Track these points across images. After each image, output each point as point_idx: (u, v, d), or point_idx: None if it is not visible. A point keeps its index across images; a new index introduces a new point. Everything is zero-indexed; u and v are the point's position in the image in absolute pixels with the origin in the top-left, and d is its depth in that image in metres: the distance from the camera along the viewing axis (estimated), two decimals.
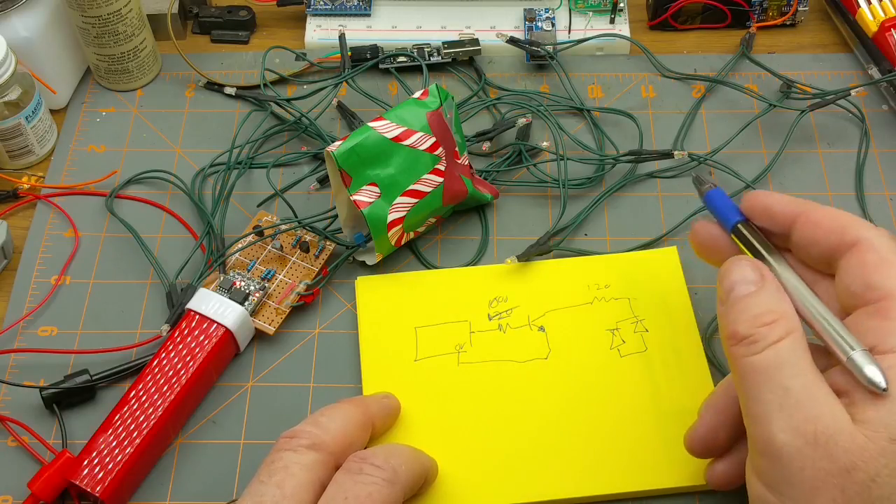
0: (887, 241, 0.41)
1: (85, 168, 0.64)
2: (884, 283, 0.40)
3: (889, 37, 0.66)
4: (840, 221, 0.43)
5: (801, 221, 0.44)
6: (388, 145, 0.54)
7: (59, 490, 0.49)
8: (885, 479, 0.36)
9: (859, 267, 0.41)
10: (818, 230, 0.43)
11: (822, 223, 0.43)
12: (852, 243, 0.42)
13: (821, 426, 0.37)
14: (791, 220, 0.44)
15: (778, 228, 0.45)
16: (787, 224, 0.44)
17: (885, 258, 0.41)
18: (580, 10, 0.71)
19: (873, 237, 0.42)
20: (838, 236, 0.42)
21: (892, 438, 0.36)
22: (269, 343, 0.56)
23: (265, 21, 0.73)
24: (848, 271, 0.41)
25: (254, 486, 0.42)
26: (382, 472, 0.43)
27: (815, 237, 0.43)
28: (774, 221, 0.45)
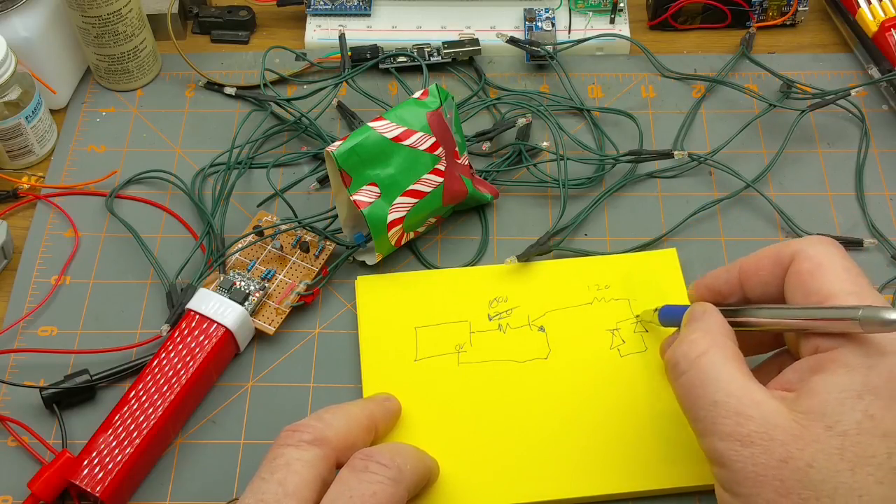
0: (821, 247, 0.42)
1: (85, 168, 0.64)
2: (821, 288, 0.41)
3: (889, 37, 0.66)
4: (773, 250, 0.44)
5: (743, 273, 0.45)
6: (388, 145, 0.54)
7: (59, 490, 0.49)
8: (822, 464, 0.37)
9: (797, 277, 0.42)
10: (760, 271, 0.44)
11: (759, 262, 0.45)
12: (790, 261, 0.43)
13: (753, 426, 0.38)
14: (735, 280, 0.46)
15: (734, 296, 0.46)
16: (736, 286, 0.46)
17: (819, 263, 0.41)
18: (580, 10, 0.71)
19: (805, 247, 0.43)
20: (775, 263, 0.44)
21: (828, 426, 0.37)
22: (269, 343, 0.56)
23: (265, 21, 0.73)
24: (790, 287, 0.42)
25: (255, 483, 0.42)
26: (388, 470, 0.43)
27: (761, 278, 0.44)
28: (724, 292, 0.46)
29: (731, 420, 0.39)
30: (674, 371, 0.43)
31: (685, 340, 0.43)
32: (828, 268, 0.41)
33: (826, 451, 0.37)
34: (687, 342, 0.43)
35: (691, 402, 0.41)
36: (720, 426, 0.39)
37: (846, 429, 0.37)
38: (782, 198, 0.61)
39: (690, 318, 0.45)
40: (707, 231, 0.60)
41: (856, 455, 0.37)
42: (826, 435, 0.37)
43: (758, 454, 0.38)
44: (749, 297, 0.46)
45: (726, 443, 0.39)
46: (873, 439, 0.37)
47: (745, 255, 0.58)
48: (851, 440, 0.37)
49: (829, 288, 0.41)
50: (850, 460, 0.37)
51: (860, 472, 0.37)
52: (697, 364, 0.41)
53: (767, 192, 0.61)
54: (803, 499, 0.37)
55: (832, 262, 0.42)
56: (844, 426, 0.37)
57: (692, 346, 0.42)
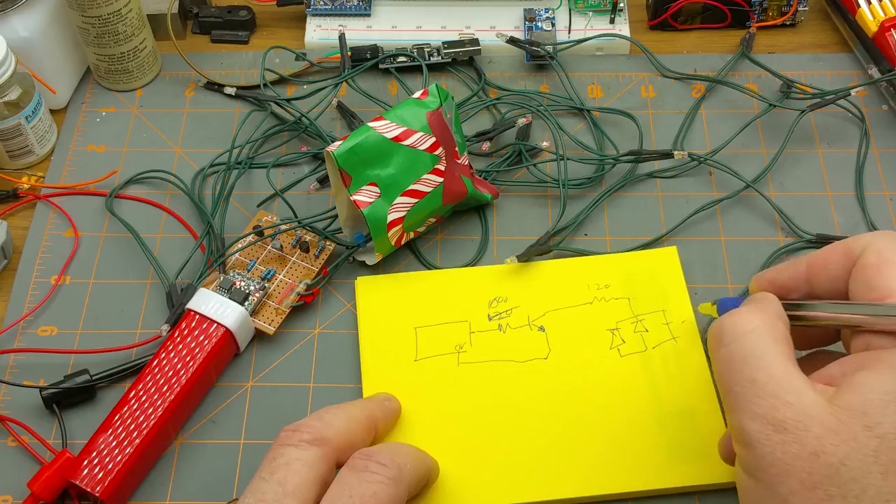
0: (890, 242, 0.41)
1: (85, 168, 0.64)
2: (883, 283, 0.40)
3: (889, 37, 0.66)
4: (843, 244, 0.43)
5: (812, 269, 0.44)
6: (388, 145, 0.54)
7: (59, 490, 0.49)
8: (856, 464, 0.36)
9: (861, 270, 0.41)
10: (829, 265, 0.43)
11: (829, 256, 0.43)
12: (859, 255, 0.42)
13: (789, 413, 0.38)
14: (801, 274, 0.44)
15: (798, 291, 0.45)
16: (801, 280, 0.45)
17: (886, 259, 0.41)
18: (580, 10, 0.71)
19: (874, 240, 0.42)
20: (845, 256, 0.42)
21: (867, 426, 0.36)
22: (269, 343, 0.56)
23: (265, 21, 0.73)
24: (854, 280, 0.42)
25: (256, 483, 0.42)
26: (388, 470, 0.43)
27: (829, 272, 0.43)
28: (789, 286, 0.45)
29: (766, 402, 0.38)
30: (717, 341, 0.41)
31: (735, 313, 0.42)
32: (893, 263, 0.40)
33: (861, 451, 0.36)
34: (737, 315, 0.41)
35: (729, 375, 0.40)
36: (754, 405, 0.38)
37: (885, 431, 0.36)
38: (782, 198, 0.61)
39: (749, 300, 0.44)
40: (707, 231, 0.60)
41: (891, 460, 0.36)
42: (864, 435, 0.36)
43: (789, 442, 0.37)
44: (815, 293, 0.44)
45: (757, 424, 0.38)
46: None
47: (744, 255, 0.59)
48: (888, 444, 0.36)
49: (892, 284, 0.40)
50: (885, 464, 0.36)
51: (892, 477, 0.36)
52: (743, 338, 0.40)
53: (767, 192, 0.61)
54: (830, 495, 0.36)
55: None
56: (884, 428, 0.36)
57: (741, 319, 0.41)
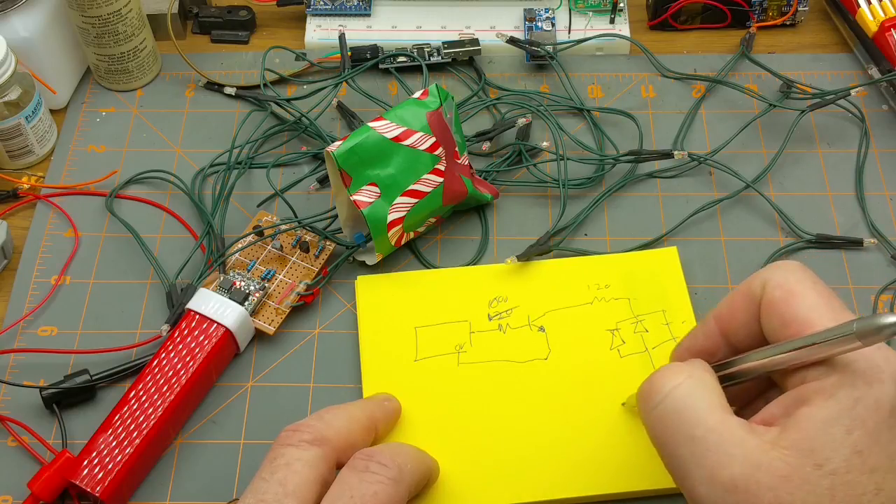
0: (791, 273, 0.40)
1: (85, 168, 0.64)
2: (797, 314, 0.39)
3: (889, 37, 0.66)
4: (742, 288, 0.41)
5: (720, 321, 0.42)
6: (388, 145, 0.54)
7: (59, 490, 0.49)
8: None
9: (770, 308, 0.40)
10: (735, 313, 0.42)
11: (733, 304, 0.42)
12: (761, 294, 0.40)
13: (736, 469, 0.36)
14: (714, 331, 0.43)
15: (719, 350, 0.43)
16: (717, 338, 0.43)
17: (791, 290, 0.39)
18: (580, 10, 0.71)
19: (771, 276, 0.40)
20: (748, 299, 0.41)
21: (817, 464, 0.35)
22: (269, 343, 0.56)
23: (265, 21, 0.73)
24: (765, 321, 0.40)
25: (256, 483, 0.42)
26: (388, 470, 0.43)
27: (739, 321, 0.41)
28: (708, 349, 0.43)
29: (710, 459, 0.36)
30: (646, 404, 0.40)
31: (658, 372, 0.40)
32: (800, 293, 0.39)
33: (816, 493, 0.35)
34: (660, 373, 0.40)
35: (666, 437, 0.38)
36: (699, 467, 0.37)
37: (835, 467, 0.35)
38: (782, 198, 0.61)
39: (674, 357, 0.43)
40: (707, 231, 0.60)
41: (846, 495, 0.35)
42: (816, 475, 0.35)
43: (742, 501, 0.35)
44: (734, 346, 0.43)
45: (706, 487, 0.36)
46: (861, 476, 0.35)
47: (744, 255, 0.59)
48: (841, 479, 0.35)
49: (805, 313, 0.38)
50: (841, 500, 0.35)
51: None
52: (673, 395, 0.38)
53: (767, 192, 0.61)
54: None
55: (803, 287, 0.39)
56: (833, 464, 0.35)
57: (666, 376, 0.39)
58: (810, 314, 0.38)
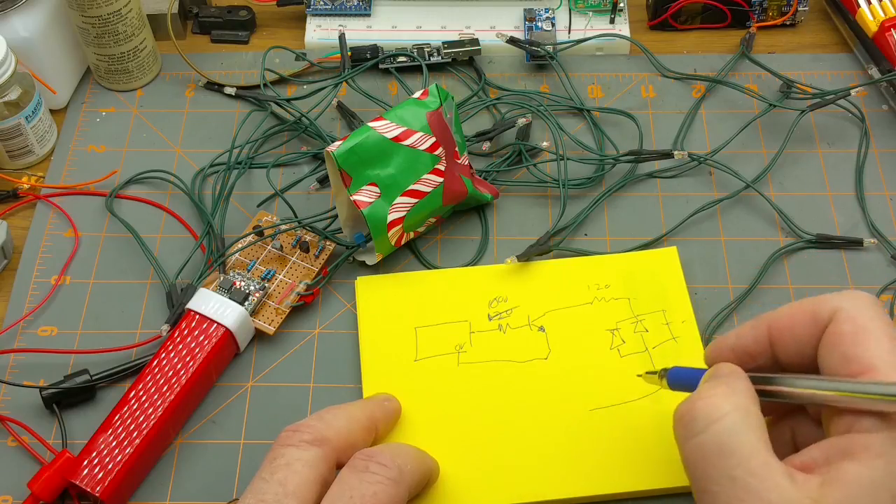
0: (865, 307, 0.38)
1: (85, 168, 0.64)
2: (863, 355, 0.36)
3: (889, 37, 0.66)
4: (809, 305, 0.39)
5: (774, 330, 0.40)
6: (388, 145, 0.54)
7: (59, 490, 0.49)
8: None
9: (836, 339, 0.37)
10: (794, 328, 0.39)
11: (794, 318, 0.40)
12: (829, 319, 0.38)
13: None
14: (765, 338, 0.41)
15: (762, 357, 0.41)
16: (765, 345, 0.41)
17: (863, 326, 0.37)
18: (580, 10, 0.71)
19: (848, 306, 0.38)
20: (813, 321, 0.39)
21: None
22: (269, 343, 0.56)
23: (265, 21, 0.73)
24: (826, 348, 0.38)
25: (256, 483, 0.42)
26: (388, 470, 0.43)
27: (795, 337, 0.39)
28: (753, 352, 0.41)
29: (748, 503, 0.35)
30: (686, 430, 0.37)
31: (705, 396, 0.38)
32: (871, 333, 0.37)
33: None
34: (707, 399, 0.37)
35: (703, 470, 0.36)
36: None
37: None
38: (782, 198, 0.61)
39: (714, 375, 0.40)
40: (707, 231, 0.60)
41: None
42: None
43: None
44: (780, 359, 0.40)
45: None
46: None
47: (744, 255, 0.59)
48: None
49: (872, 356, 0.36)
50: None
51: None
52: (717, 427, 0.36)
53: (767, 192, 0.61)
54: None
55: (875, 327, 0.37)
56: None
57: (713, 405, 0.37)
58: (877, 359, 0.36)
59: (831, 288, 0.57)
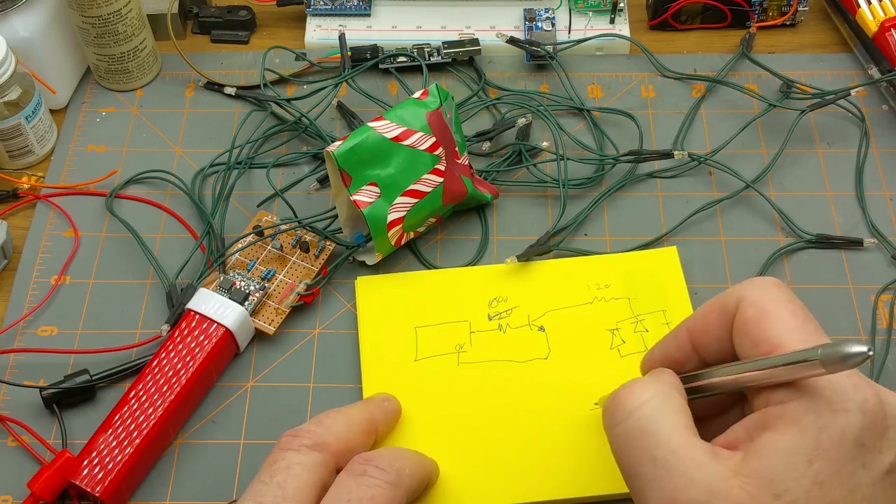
0: (767, 291, 0.39)
1: (85, 168, 0.64)
2: (768, 336, 0.38)
3: (889, 37, 0.66)
4: (717, 301, 0.41)
5: (692, 333, 0.42)
6: (388, 145, 0.54)
7: (59, 490, 0.49)
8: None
9: (743, 327, 0.39)
10: (708, 327, 0.41)
11: (706, 317, 0.41)
12: (735, 310, 0.40)
13: (694, 495, 0.35)
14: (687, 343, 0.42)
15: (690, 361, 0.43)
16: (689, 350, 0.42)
17: (765, 309, 0.39)
18: (580, 10, 0.71)
19: (750, 293, 0.39)
20: (721, 314, 0.40)
21: (776, 494, 0.34)
22: (269, 343, 0.56)
23: (265, 21, 0.73)
24: (738, 337, 0.40)
25: (255, 485, 0.42)
26: (386, 474, 0.43)
27: (711, 335, 0.41)
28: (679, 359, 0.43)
29: (670, 482, 0.36)
30: (612, 419, 0.39)
31: (628, 387, 0.40)
32: (774, 313, 0.38)
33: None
34: (629, 388, 0.40)
35: (627, 455, 0.38)
36: (658, 488, 0.36)
37: (794, 498, 0.34)
38: (782, 198, 0.61)
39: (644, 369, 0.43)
40: (707, 231, 0.60)
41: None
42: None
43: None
44: (705, 359, 0.42)
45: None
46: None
47: (744, 255, 0.59)
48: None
49: (777, 335, 0.38)
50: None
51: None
52: (637, 413, 0.38)
53: (767, 192, 0.61)
54: None
55: (777, 307, 0.38)
56: (793, 495, 0.34)
57: (633, 393, 0.39)
58: (782, 337, 0.38)
59: (831, 288, 0.57)
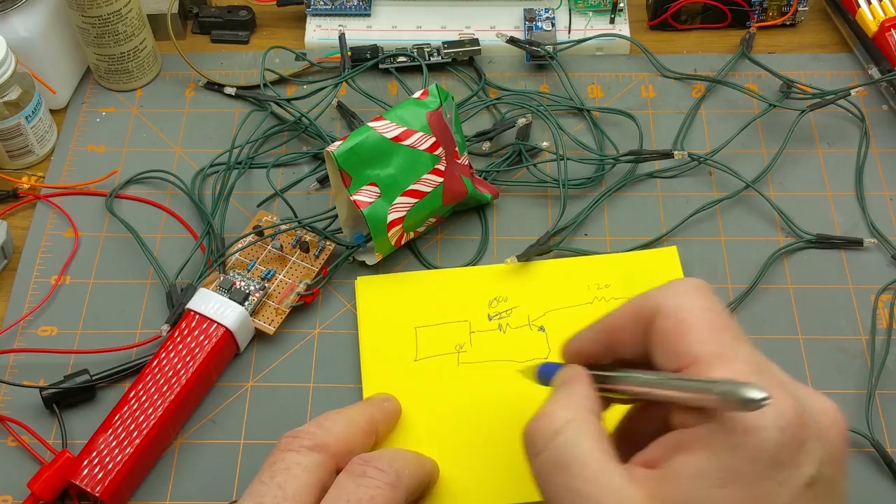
0: (683, 298, 0.39)
1: (85, 168, 0.64)
2: (686, 349, 0.37)
3: (889, 37, 0.66)
4: (634, 305, 0.40)
5: (609, 332, 0.42)
6: (388, 145, 0.54)
7: (59, 490, 0.49)
8: None
9: (660, 337, 0.38)
10: (624, 330, 0.41)
11: (623, 320, 0.41)
12: (652, 317, 0.39)
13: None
14: (603, 340, 0.42)
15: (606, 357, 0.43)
16: (604, 347, 0.42)
17: (683, 320, 0.38)
18: (580, 10, 0.71)
19: (667, 301, 0.39)
20: (637, 320, 0.40)
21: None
22: (269, 343, 0.56)
23: (265, 21, 0.73)
24: (654, 346, 0.39)
25: (255, 486, 0.42)
26: (385, 475, 0.43)
27: (627, 338, 0.41)
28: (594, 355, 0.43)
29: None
30: (530, 449, 0.39)
31: (542, 414, 0.39)
32: (690, 325, 0.37)
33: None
34: (543, 418, 0.39)
35: (547, 486, 0.38)
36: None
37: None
38: (782, 198, 0.61)
39: (557, 384, 0.42)
40: (707, 231, 0.60)
41: None
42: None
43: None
44: (623, 359, 0.42)
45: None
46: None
47: (744, 255, 0.59)
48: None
49: (691, 349, 0.37)
50: None
51: None
52: (554, 443, 0.38)
53: (767, 192, 0.61)
54: None
55: (694, 317, 0.38)
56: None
57: (549, 420, 0.39)
58: (698, 350, 0.37)
59: (831, 288, 0.57)
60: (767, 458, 0.34)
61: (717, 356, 0.36)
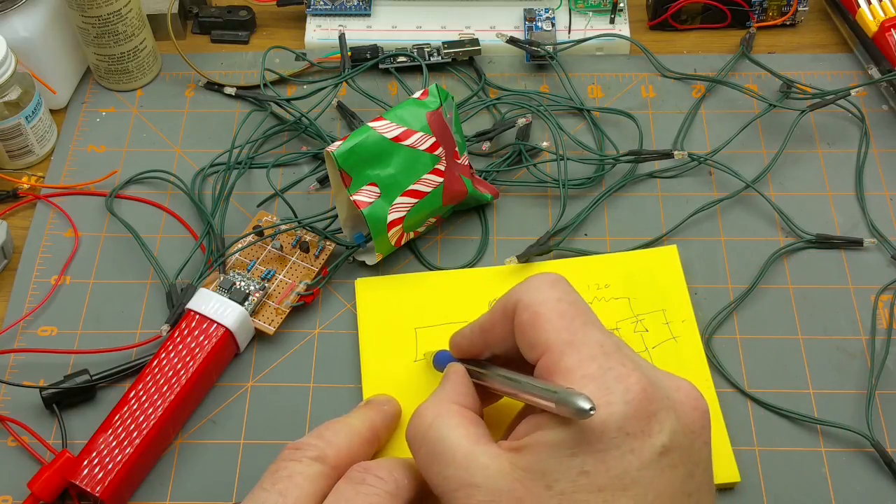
0: (537, 292, 0.41)
1: (85, 168, 0.64)
2: (540, 338, 0.40)
3: (889, 37, 0.66)
4: (501, 303, 0.43)
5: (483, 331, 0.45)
6: (388, 145, 0.54)
7: (59, 490, 0.49)
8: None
9: (520, 330, 0.41)
10: (496, 328, 0.44)
11: (493, 318, 0.44)
12: (514, 312, 0.42)
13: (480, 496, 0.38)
14: (478, 338, 0.45)
15: (483, 353, 0.46)
16: (480, 344, 0.45)
17: (537, 312, 0.41)
18: (580, 10, 0.71)
19: (524, 296, 0.42)
20: (503, 317, 0.43)
21: (547, 485, 0.37)
22: (269, 343, 0.56)
23: (265, 21, 0.73)
24: (518, 339, 0.42)
25: (256, 492, 0.42)
26: (385, 484, 0.42)
27: (497, 334, 0.44)
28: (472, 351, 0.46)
29: (462, 492, 0.39)
30: (411, 448, 0.42)
31: (416, 415, 0.43)
32: (544, 316, 0.41)
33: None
34: (416, 416, 0.42)
35: (429, 477, 0.41)
36: (455, 500, 0.39)
37: (563, 487, 0.37)
38: (782, 198, 0.61)
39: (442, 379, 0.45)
40: (707, 231, 0.60)
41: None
42: (547, 495, 0.37)
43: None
44: (497, 354, 0.45)
45: None
46: (589, 495, 0.37)
47: (744, 255, 0.59)
48: (569, 498, 0.37)
49: (546, 338, 0.40)
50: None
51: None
52: (427, 438, 0.41)
53: (767, 192, 0.61)
54: None
55: (548, 308, 0.41)
56: (562, 485, 0.37)
57: (420, 420, 0.42)
58: (550, 340, 0.40)
59: (831, 288, 0.57)
60: (616, 428, 0.37)
61: (568, 343, 0.39)
